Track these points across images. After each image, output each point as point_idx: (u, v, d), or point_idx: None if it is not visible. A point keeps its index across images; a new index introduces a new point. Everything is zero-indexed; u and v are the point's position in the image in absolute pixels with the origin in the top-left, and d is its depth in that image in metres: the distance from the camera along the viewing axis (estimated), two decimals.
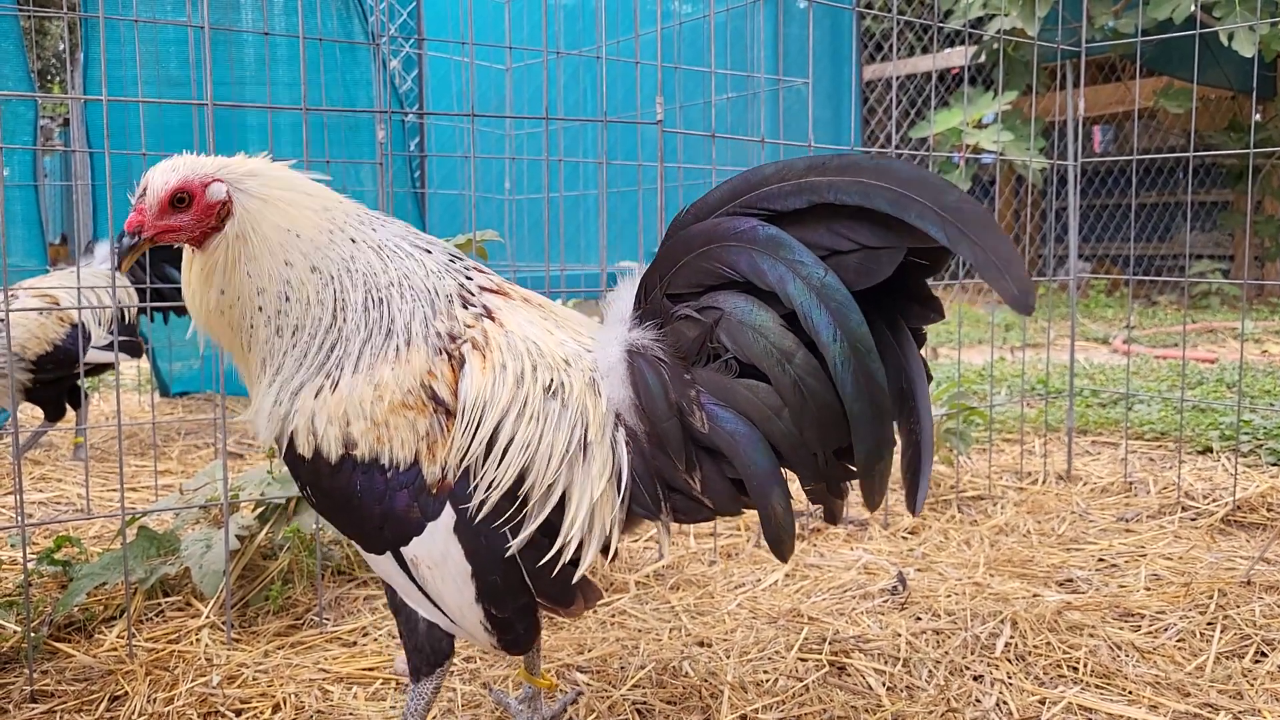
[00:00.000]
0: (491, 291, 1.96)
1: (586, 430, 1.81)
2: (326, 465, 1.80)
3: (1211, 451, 4.70)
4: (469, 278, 1.95)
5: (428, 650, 1.91)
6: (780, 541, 1.76)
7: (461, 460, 1.78)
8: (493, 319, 1.89)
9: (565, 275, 3.72)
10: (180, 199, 1.80)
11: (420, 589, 1.84)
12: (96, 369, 4.97)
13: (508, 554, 1.79)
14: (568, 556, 1.81)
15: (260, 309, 1.83)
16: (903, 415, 1.70)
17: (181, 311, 4.90)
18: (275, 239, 1.82)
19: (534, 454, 1.80)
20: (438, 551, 1.79)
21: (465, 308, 1.88)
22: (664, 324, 1.79)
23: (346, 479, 1.80)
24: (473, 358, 1.82)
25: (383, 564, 1.87)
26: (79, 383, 4.76)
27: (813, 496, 1.84)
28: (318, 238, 1.84)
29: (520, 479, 1.79)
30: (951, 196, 1.54)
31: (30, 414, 5.23)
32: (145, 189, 1.83)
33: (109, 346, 4.70)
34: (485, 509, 1.78)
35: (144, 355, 5.37)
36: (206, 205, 1.81)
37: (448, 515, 1.79)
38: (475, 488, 1.78)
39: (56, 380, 4.67)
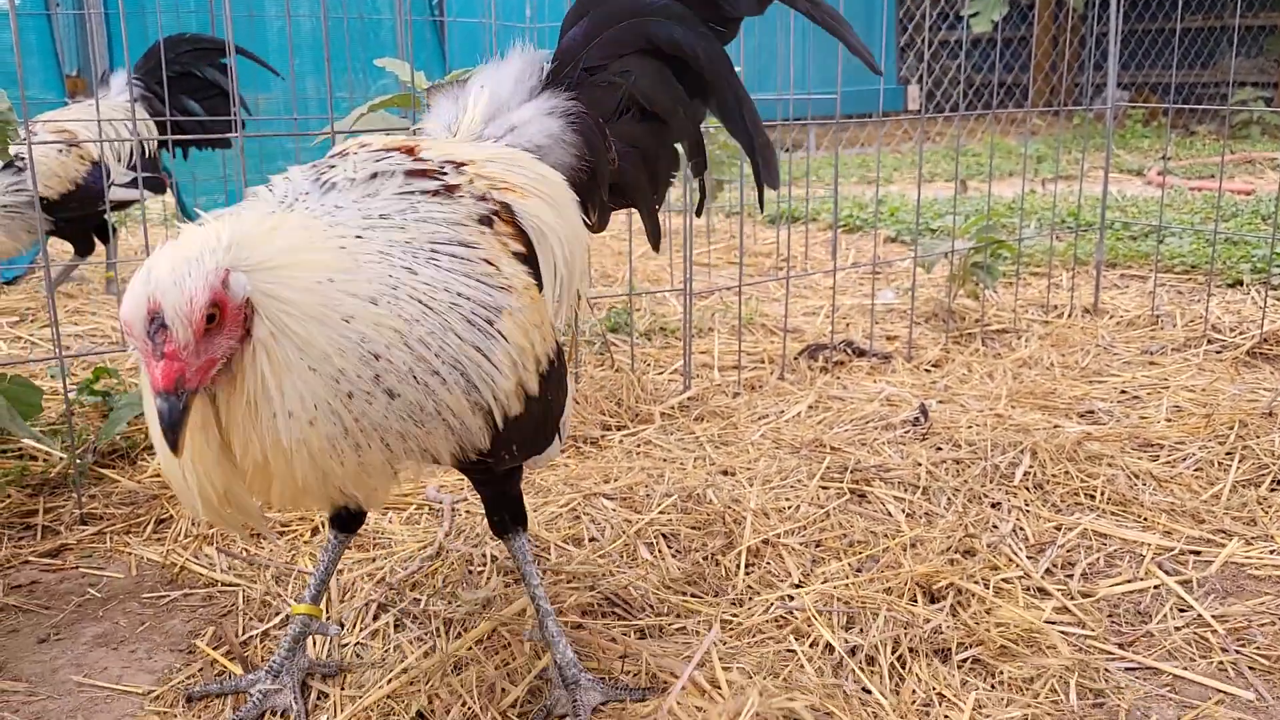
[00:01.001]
0: (437, 157, 1.79)
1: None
2: (533, 401, 1.67)
3: (1241, 285, 4.66)
4: (418, 163, 1.75)
5: (522, 509, 1.94)
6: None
7: (556, 293, 1.81)
8: (465, 165, 1.78)
9: None
10: (211, 316, 1.33)
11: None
12: (121, 205, 4.97)
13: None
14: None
15: (352, 392, 1.43)
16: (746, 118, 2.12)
17: (202, 145, 4.88)
18: (315, 302, 1.42)
19: (575, 245, 1.88)
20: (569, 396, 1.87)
21: (448, 175, 1.75)
22: (581, 92, 2.00)
23: (543, 397, 1.70)
24: (508, 196, 1.76)
25: (545, 455, 1.85)
26: (106, 217, 4.77)
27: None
28: (347, 266, 1.48)
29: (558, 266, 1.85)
30: None
31: (60, 249, 5.27)
32: (156, 316, 1.30)
33: (132, 184, 4.68)
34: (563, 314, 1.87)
35: (168, 190, 5.36)
36: (235, 310, 1.36)
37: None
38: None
39: (81, 218, 4.67)
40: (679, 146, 2.25)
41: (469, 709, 1.86)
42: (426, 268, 1.55)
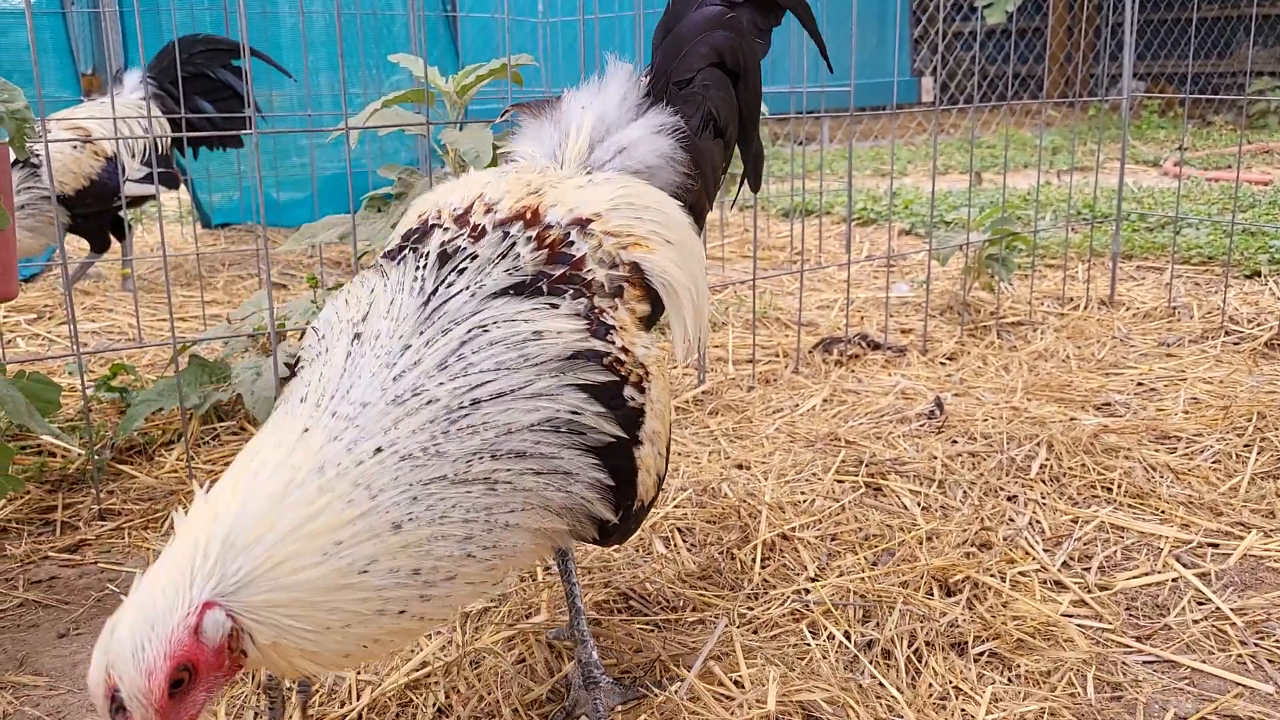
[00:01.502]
0: (524, 217, 1.64)
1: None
2: (652, 477, 1.60)
3: (1259, 275, 4.63)
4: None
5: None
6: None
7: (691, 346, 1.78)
8: (591, 223, 1.66)
9: None
10: (177, 682, 1.20)
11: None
12: (136, 201, 4.99)
13: None
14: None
15: (390, 593, 1.31)
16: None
17: (214, 144, 4.90)
18: (325, 581, 1.27)
19: (699, 284, 1.82)
20: None
21: (575, 244, 1.61)
22: (676, 108, 1.95)
23: (661, 462, 1.63)
24: (636, 254, 1.67)
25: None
26: (121, 214, 4.80)
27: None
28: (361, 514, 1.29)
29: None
30: None
31: (77, 245, 5.30)
32: (115, 695, 1.17)
33: (146, 179, 4.71)
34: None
35: (181, 186, 5.38)
36: (212, 655, 1.22)
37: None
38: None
39: (97, 213, 4.70)
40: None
41: (488, 702, 1.87)
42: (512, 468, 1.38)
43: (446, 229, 1.62)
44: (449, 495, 1.33)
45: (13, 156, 2.62)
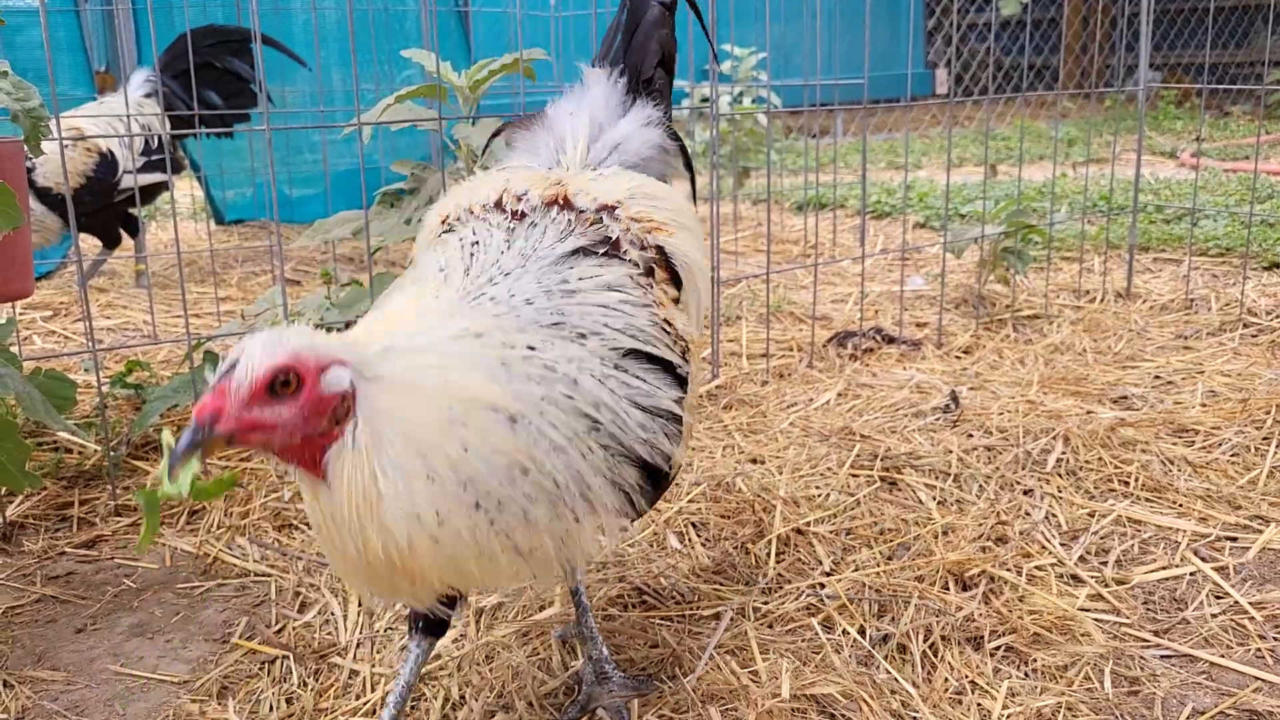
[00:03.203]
0: (560, 202, 1.75)
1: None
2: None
3: (1278, 267, 4.59)
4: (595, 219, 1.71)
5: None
6: None
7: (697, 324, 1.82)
8: (617, 209, 1.74)
9: None
10: (284, 382, 1.31)
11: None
12: (150, 193, 5.01)
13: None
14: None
15: (485, 509, 1.37)
16: None
17: (220, 135, 4.95)
18: (439, 424, 1.35)
19: (703, 264, 1.86)
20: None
21: (605, 223, 1.70)
22: (649, 102, 2.03)
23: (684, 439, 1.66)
24: (660, 238, 1.74)
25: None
26: (132, 210, 4.82)
27: None
28: (491, 391, 1.39)
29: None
30: None
31: (90, 243, 5.32)
32: (233, 364, 1.31)
33: (149, 166, 4.74)
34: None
35: (186, 168, 5.40)
36: (319, 399, 1.32)
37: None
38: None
39: (103, 210, 4.73)
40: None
41: (501, 695, 1.87)
42: (595, 386, 1.47)
43: (484, 217, 1.71)
44: (565, 416, 1.42)
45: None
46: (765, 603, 2.15)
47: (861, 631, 2.03)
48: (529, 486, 1.38)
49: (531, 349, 1.45)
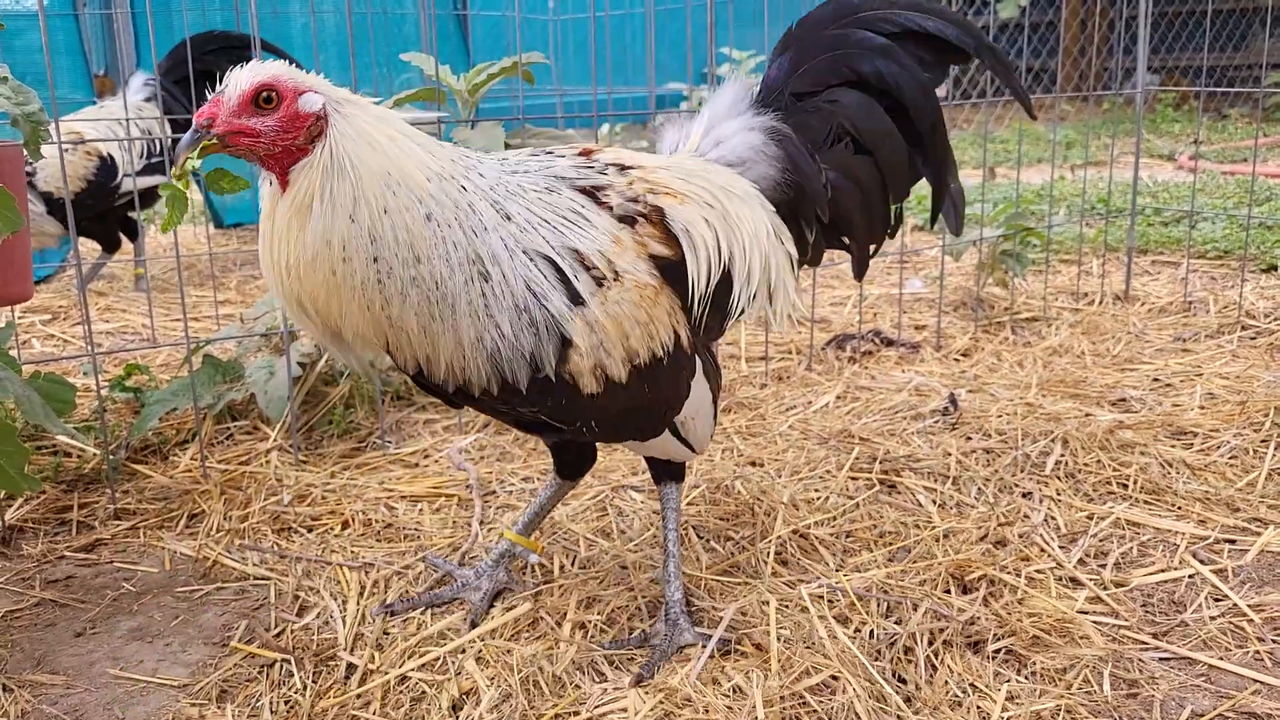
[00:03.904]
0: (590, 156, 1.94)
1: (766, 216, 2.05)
2: (618, 388, 1.77)
3: (1276, 270, 4.60)
4: (586, 164, 1.90)
5: (679, 469, 2.11)
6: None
7: (700, 299, 1.89)
8: (629, 168, 1.90)
9: (612, 98, 3.63)
10: (267, 98, 1.60)
11: (679, 438, 1.99)
12: (146, 198, 5.01)
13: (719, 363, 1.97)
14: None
15: (378, 266, 1.62)
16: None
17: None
18: (376, 174, 1.63)
19: (748, 253, 1.97)
20: (695, 401, 1.95)
21: (607, 175, 1.87)
22: (789, 116, 2.08)
23: (637, 387, 1.79)
24: (664, 201, 1.86)
25: (657, 442, 1.96)
26: (132, 214, 4.82)
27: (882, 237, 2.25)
28: (424, 185, 1.66)
29: (730, 283, 1.95)
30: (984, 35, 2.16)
31: (90, 247, 5.32)
32: (228, 83, 1.62)
33: (149, 169, 4.74)
34: (711, 333, 1.99)
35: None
36: (295, 114, 1.60)
37: (697, 363, 1.93)
38: (701, 319, 1.91)
39: (103, 214, 4.73)
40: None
41: (517, 685, 1.87)
42: (512, 221, 1.71)
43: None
44: (463, 250, 1.66)
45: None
46: (765, 603, 2.14)
47: (868, 634, 2.03)
48: (415, 272, 1.63)
49: (465, 190, 1.69)
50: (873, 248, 2.25)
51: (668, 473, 2.09)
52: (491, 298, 1.67)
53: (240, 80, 1.60)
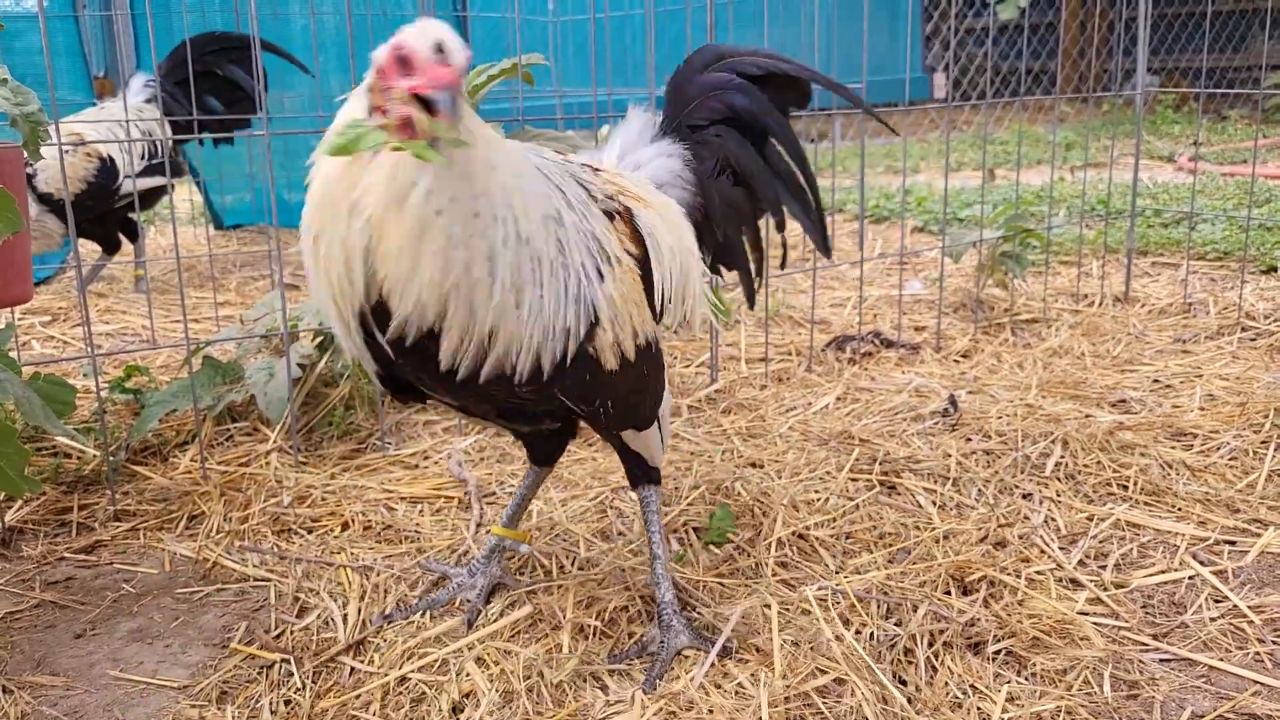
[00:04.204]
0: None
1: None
2: (629, 365, 1.82)
3: (1276, 271, 4.60)
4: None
5: (656, 472, 2.14)
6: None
7: (662, 295, 1.97)
8: (600, 171, 2.00)
9: (612, 100, 3.63)
10: (403, 60, 1.61)
11: (660, 432, 2.08)
12: (149, 198, 5.01)
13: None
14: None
15: (480, 222, 1.62)
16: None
17: (218, 142, 4.96)
18: (485, 141, 1.65)
19: (688, 260, 2.08)
20: (666, 399, 2.06)
21: (586, 174, 1.94)
22: (687, 144, 2.25)
23: (639, 368, 1.86)
24: (631, 203, 1.96)
25: (647, 434, 2.02)
26: (132, 215, 4.82)
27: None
28: (519, 149, 1.75)
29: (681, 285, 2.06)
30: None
31: (90, 248, 5.32)
32: (416, 45, 1.62)
33: (149, 171, 4.74)
34: (670, 328, 2.09)
35: (186, 173, 5.39)
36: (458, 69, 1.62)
37: (663, 361, 2.02)
38: (661, 316, 2.00)
39: (103, 215, 4.73)
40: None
41: (518, 689, 1.87)
42: (566, 196, 1.79)
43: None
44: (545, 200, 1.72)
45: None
46: (766, 605, 2.14)
47: (867, 635, 2.03)
48: (517, 229, 1.63)
49: (543, 160, 1.79)
50: (756, 278, 2.47)
51: (646, 475, 2.11)
52: (559, 267, 1.70)
53: (426, 35, 1.62)
